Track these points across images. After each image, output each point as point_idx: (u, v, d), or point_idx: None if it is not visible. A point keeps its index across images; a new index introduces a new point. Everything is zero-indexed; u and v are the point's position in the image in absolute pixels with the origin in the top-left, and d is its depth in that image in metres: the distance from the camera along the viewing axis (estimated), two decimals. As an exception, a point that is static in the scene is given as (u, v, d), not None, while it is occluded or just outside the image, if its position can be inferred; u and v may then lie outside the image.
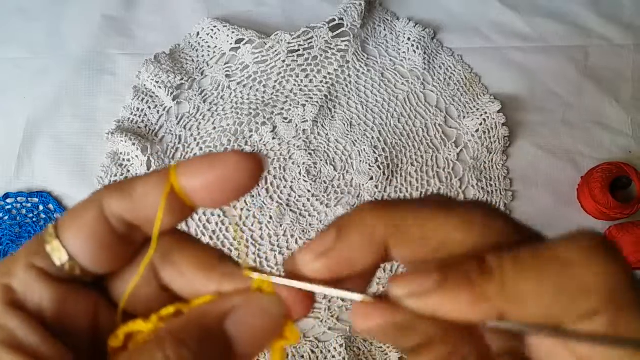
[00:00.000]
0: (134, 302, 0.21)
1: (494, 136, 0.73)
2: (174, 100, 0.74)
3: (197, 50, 0.77)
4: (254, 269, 0.21)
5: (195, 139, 0.73)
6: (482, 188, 0.72)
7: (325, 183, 0.72)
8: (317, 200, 0.71)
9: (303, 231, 0.70)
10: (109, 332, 0.21)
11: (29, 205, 0.70)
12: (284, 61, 0.76)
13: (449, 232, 0.19)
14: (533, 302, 0.17)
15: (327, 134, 0.74)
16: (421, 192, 0.72)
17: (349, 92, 0.76)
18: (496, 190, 0.73)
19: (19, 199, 0.70)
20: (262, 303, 0.20)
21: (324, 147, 0.73)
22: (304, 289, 0.20)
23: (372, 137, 0.74)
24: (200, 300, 0.21)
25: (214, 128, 0.73)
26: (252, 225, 0.70)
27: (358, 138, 0.73)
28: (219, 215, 0.70)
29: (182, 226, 0.70)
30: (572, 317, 0.17)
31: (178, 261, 0.21)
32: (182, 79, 0.74)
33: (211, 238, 0.69)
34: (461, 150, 0.74)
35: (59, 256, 0.20)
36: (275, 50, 0.76)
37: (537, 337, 0.19)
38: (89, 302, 0.21)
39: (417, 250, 0.19)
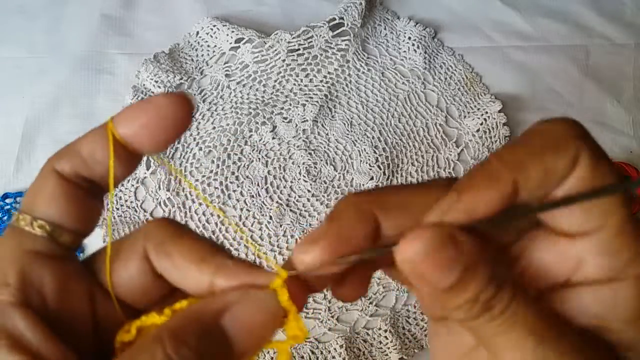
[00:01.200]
0: (131, 291, 0.22)
1: (494, 136, 0.73)
2: (173, 99, 0.74)
3: (196, 50, 0.77)
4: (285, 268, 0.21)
5: (194, 139, 0.73)
6: (483, 188, 0.72)
7: (325, 183, 0.71)
8: (317, 200, 0.71)
9: (303, 231, 0.70)
10: (108, 323, 0.21)
11: (28, 205, 0.70)
12: (283, 60, 0.76)
13: (426, 197, 0.20)
14: (533, 165, 0.19)
15: (327, 134, 0.73)
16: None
17: (349, 91, 0.76)
18: (497, 190, 0.72)
19: (18, 199, 0.70)
20: (259, 298, 0.20)
21: (324, 147, 0.73)
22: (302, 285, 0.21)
23: (373, 137, 0.73)
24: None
25: (214, 128, 0.73)
26: (252, 226, 0.70)
27: (358, 138, 0.73)
28: (218, 216, 0.70)
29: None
30: (562, 167, 0.19)
31: (172, 252, 0.21)
32: (181, 79, 0.74)
33: (210, 238, 0.69)
34: (462, 150, 0.74)
35: (43, 227, 0.20)
36: (275, 50, 0.76)
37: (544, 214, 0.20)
38: (86, 286, 0.21)
39: (402, 218, 0.20)
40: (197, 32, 0.77)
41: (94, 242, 0.37)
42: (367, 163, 0.72)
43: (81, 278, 0.21)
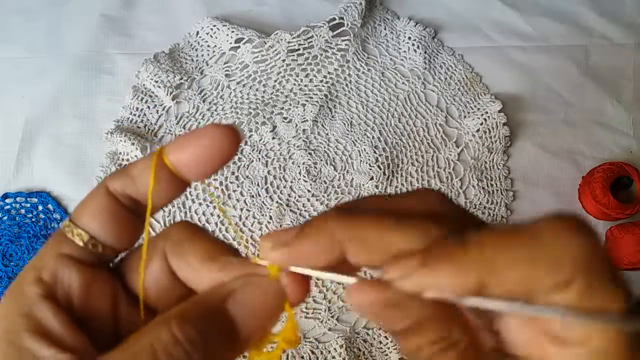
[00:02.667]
0: (152, 292, 0.23)
1: (494, 136, 0.73)
2: (173, 99, 0.74)
3: (196, 50, 0.77)
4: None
5: (194, 139, 0.73)
6: (483, 188, 0.72)
7: (325, 183, 0.71)
8: (317, 200, 0.71)
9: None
10: (128, 323, 0.22)
11: (28, 205, 0.70)
12: (283, 60, 0.76)
13: (405, 243, 0.20)
14: (509, 272, 0.18)
15: (327, 134, 0.73)
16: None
17: (349, 91, 0.76)
18: (497, 190, 0.72)
19: (18, 199, 0.70)
20: (261, 284, 0.21)
21: (324, 147, 0.73)
22: (302, 274, 0.21)
23: (373, 137, 0.73)
24: None
25: (214, 128, 0.73)
26: (252, 226, 0.70)
27: (358, 138, 0.73)
28: (218, 216, 0.70)
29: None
30: (547, 286, 0.17)
31: (186, 252, 0.22)
32: (181, 79, 0.74)
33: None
34: (462, 150, 0.74)
35: (80, 236, 0.22)
36: (275, 50, 0.76)
37: (512, 315, 0.20)
38: (110, 290, 0.22)
39: (373, 258, 0.20)
40: (197, 32, 0.77)
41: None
42: (367, 163, 0.72)
43: (107, 283, 0.22)
